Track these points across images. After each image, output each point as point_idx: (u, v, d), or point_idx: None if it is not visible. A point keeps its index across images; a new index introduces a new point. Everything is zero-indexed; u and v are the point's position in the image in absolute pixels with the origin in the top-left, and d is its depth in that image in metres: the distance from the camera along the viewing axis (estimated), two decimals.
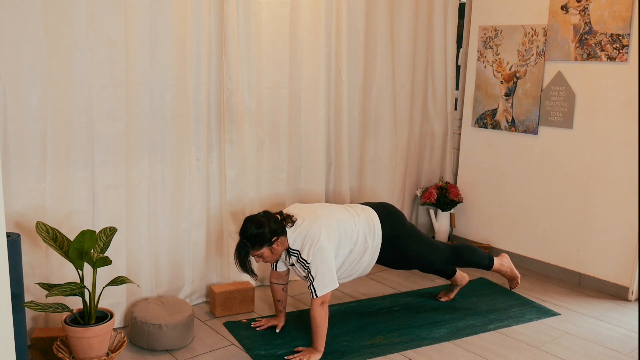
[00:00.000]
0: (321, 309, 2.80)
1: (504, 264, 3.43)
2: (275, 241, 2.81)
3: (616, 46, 3.64)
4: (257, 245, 2.80)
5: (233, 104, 3.37)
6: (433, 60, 4.47)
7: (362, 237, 2.98)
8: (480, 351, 3.00)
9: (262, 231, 2.77)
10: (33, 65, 2.70)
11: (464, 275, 3.56)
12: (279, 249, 2.85)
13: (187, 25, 3.14)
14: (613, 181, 3.73)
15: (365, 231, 2.99)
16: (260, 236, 2.78)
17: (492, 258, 3.39)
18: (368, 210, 3.09)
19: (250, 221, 2.82)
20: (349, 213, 3.03)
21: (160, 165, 3.18)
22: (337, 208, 3.06)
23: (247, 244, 2.80)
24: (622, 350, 3.06)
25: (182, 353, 2.90)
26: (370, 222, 3.03)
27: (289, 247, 2.86)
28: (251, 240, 2.79)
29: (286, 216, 2.89)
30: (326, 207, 3.03)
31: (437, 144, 4.65)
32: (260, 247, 2.80)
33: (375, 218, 3.06)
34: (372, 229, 3.02)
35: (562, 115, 3.94)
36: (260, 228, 2.77)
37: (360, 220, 3.01)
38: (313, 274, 2.79)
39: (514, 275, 3.45)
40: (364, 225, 3.01)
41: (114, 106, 2.94)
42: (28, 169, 2.76)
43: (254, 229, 2.78)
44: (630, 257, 3.69)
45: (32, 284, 2.78)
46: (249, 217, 2.86)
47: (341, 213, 3.00)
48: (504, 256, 3.47)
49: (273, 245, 2.82)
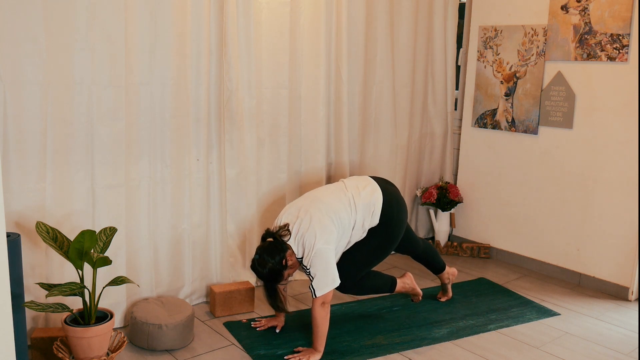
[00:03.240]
0: (322, 309, 2.80)
1: (407, 284, 3.36)
2: (286, 262, 2.83)
3: (616, 46, 3.64)
4: (279, 277, 2.85)
5: (233, 104, 3.36)
6: (433, 60, 4.47)
7: (359, 222, 2.99)
8: (480, 351, 3.00)
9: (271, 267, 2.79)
10: (33, 65, 2.70)
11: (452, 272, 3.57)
12: (293, 261, 2.87)
13: (187, 25, 3.14)
14: (613, 181, 3.73)
15: (363, 217, 2.99)
16: (274, 271, 2.81)
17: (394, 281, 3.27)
18: (376, 194, 3.04)
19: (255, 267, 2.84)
20: (345, 200, 2.97)
21: (160, 165, 3.18)
22: (330, 197, 2.98)
23: (272, 284, 2.89)
24: (622, 350, 3.06)
25: (182, 353, 2.90)
26: (370, 208, 3.01)
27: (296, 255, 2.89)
28: (271, 279, 2.85)
29: (279, 231, 2.86)
30: (318, 202, 2.94)
31: (437, 144, 4.65)
32: (281, 277, 2.85)
33: (378, 204, 3.02)
34: (370, 214, 3.01)
35: (562, 115, 3.94)
36: (266, 265, 2.80)
37: (358, 204, 2.98)
38: (312, 275, 2.79)
39: (415, 292, 3.44)
40: (361, 211, 2.98)
41: (114, 106, 2.94)
42: (28, 169, 2.76)
43: (265, 270, 2.81)
44: (630, 257, 3.69)
45: (32, 284, 2.78)
46: (252, 266, 2.88)
47: (335, 203, 2.94)
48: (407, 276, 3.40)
49: (287, 265, 2.84)
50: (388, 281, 3.25)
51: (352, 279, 3.06)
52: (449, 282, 3.58)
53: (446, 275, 3.54)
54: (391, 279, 3.26)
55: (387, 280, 3.25)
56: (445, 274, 3.54)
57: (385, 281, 3.24)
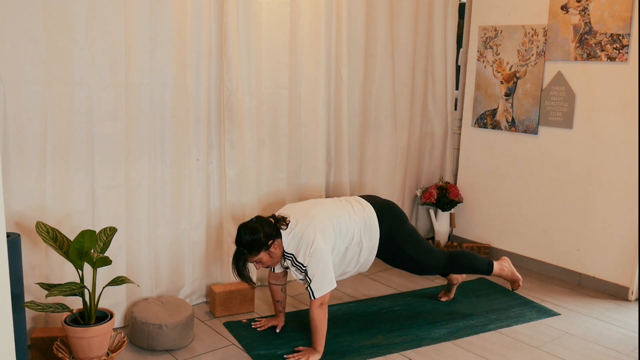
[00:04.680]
0: (320, 310, 2.80)
1: (505, 268, 3.38)
2: (272, 244, 2.80)
3: (616, 46, 3.64)
4: (254, 251, 2.78)
5: (233, 103, 3.36)
6: (433, 60, 4.47)
7: (357, 235, 2.96)
8: (480, 351, 3.00)
9: (257, 237, 2.75)
10: (33, 65, 2.69)
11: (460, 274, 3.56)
12: (276, 252, 2.83)
13: (187, 25, 3.14)
14: (613, 181, 3.73)
15: (360, 229, 2.98)
16: (257, 242, 2.76)
17: (491, 263, 3.34)
18: (367, 209, 3.06)
19: (243, 228, 2.80)
20: (345, 209, 2.99)
21: (160, 165, 3.18)
22: (331, 204, 3.03)
23: (244, 252, 2.78)
24: (622, 350, 3.06)
25: (182, 353, 2.90)
26: (367, 222, 3.01)
27: (284, 250, 2.85)
28: (248, 247, 2.77)
29: (279, 218, 2.87)
30: (320, 205, 2.98)
31: (437, 144, 4.65)
32: (257, 252, 2.79)
33: (373, 218, 3.03)
34: (369, 229, 3.00)
35: (562, 115, 3.94)
36: (255, 234, 2.75)
37: (355, 217, 2.98)
38: (310, 276, 2.78)
39: (515, 278, 3.42)
40: (360, 223, 2.98)
41: (114, 106, 2.94)
42: (28, 169, 2.76)
43: (249, 235, 2.76)
44: (630, 257, 3.69)
45: (32, 284, 2.78)
46: (242, 225, 2.83)
47: (336, 209, 2.97)
48: (505, 259, 3.43)
49: (270, 249, 2.81)
50: (485, 262, 3.34)
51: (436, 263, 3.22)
52: (457, 284, 3.59)
53: (455, 275, 3.54)
54: (488, 261, 3.35)
55: (484, 261, 3.34)
56: (454, 275, 3.53)
57: (482, 262, 3.34)
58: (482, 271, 3.34)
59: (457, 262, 3.31)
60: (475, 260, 3.33)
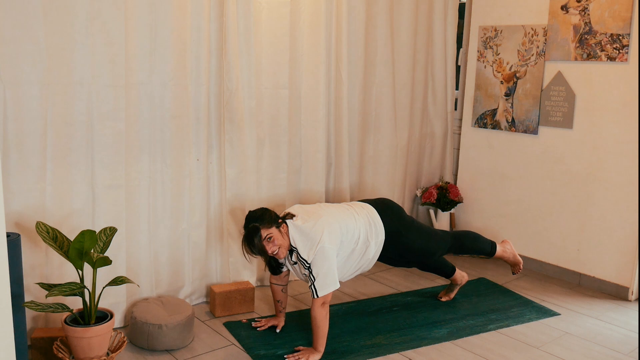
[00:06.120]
0: (322, 309, 2.80)
1: (507, 250, 3.47)
2: (281, 224, 2.84)
3: (616, 46, 3.64)
4: (266, 222, 2.78)
5: (233, 104, 3.36)
6: (433, 60, 4.47)
7: (363, 236, 2.99)
8: (480, 351, 3.00)
9: (268, 211, 2.84)
10: (33, 65, 2.70)
11: (463, 274, 3.56)
12: (287, 236, 2.85)
13: (187, 25, 3.14)
14: (613, 181, 3.73)
15: (366, 229, 3.01)
16: (267, 214, 2.82)
17: (494, 244, 3.42)
18: (367, 208, 3.10)
19: (251, 211, 2.89)
20: (349, 212, 3.03)
21: (160, 165, 3.18)
22: (337, 208, 3.07)
23: (257, 226, 2.76)
24: (622, 350, 3.06)
25: (182, 353, 2.90)
26: (371, 221, 3.04)
27: (290, 244, 2.86)
28: (259, 219, 2.79)
29: (286, 214, 2.93)
30: (327, 208, 3.03)
31: (437, 144, 4.65)
32: (269, 225, 2.79)
33: (376, 216, 3.07)
34: (374, 227, 3.04)
35: (562, 115, 3.94)
36: (265, 210, 2.85)
37: (360, 219, 3.02)
38: (314, 275, 2.79)
39: (516, 261, 3.50)
40: (364, 223, 3.02)
41: (114, 106, 2.94)
42: (28, 169, 2.76)
43: (259, 211, 2.85)
44: (630, 257, 3.69)
45: (32, 284, 2.78)
46: (250, 211, 2.91)
47: (341, 213, 3.01)
48: (507, 242, 3.52)
49: (280, 227, 2.82)
50: (488, 243, 3.40)
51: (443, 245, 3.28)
52: (461, 285, 3.59)
53: (459, 276, 3.54)
54: (491, 242, 3.41)
55: (487, 242, 3.41)
56: (458, 276, 3.54)
57: (485, 243, 3.41)
58: (484, 252, 3.42)
59: (460, 243, 3.39)
60: (478, 241, 3.41)
